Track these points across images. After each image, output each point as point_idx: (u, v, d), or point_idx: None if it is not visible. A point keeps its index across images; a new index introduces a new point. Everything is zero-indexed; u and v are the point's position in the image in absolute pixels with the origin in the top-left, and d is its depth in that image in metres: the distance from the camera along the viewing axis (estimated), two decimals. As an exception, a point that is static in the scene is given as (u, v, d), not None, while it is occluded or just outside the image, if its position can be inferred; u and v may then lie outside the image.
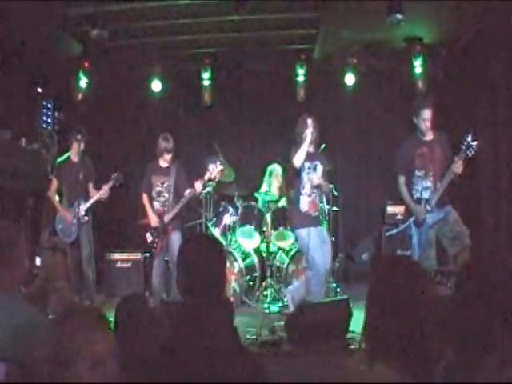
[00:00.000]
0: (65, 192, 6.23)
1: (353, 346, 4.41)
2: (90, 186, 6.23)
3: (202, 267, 1.86)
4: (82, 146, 6.05)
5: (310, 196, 5.38)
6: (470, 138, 4.84)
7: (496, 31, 6.04)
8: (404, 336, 1.43)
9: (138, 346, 2.02)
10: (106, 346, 1.59)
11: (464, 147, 4.85)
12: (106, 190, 6.08)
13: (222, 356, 1.72)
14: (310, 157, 5.34)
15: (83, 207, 6.03)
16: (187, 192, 5.83)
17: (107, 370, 1.55)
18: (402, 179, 5.25)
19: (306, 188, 5.37)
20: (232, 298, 6.16)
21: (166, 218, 5.90)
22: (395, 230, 5.51)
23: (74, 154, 6.17)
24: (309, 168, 5.38)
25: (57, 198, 6.28)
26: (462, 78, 6.91)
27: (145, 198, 6.03)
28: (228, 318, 1.87)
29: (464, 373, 1.65)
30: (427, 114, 5.08)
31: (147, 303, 2.44)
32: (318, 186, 5.40)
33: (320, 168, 5.43)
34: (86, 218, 6.10)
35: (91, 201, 6.10)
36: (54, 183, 6.23)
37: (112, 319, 2.32)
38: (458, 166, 4.90)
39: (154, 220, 5.93)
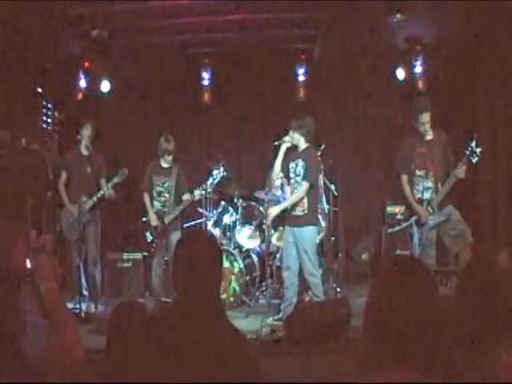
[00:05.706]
0: (72, 186, 6.14)
1: (353, 347, 4.42)
2: (102, 182, 6.17)
3: (197, 265, 1.85)
4: (89, 139, 6.03)
5: None
6: (474, 144, 4.80)
7: (496, 31, 6.05)
8: (409, 338, 1.41)
9: (131, 351, 2.01)
10: None
11: (468, 153, 4.81)
12: (110, 186, 6.00)
13: (217, 355, 1.72)
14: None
15: (89, 203, 5.97)
16: (185, 197, 5.89)
17: None
18: (404, 178, 5.26)
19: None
20: (232, 298, 6.17)
21: (167, 219, 5.91)
22: (397, 228, 5.53)
23: (83, 148, 6.14)
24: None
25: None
26: (462, 78, 6.91)
27: (146, 197, 6.05)
28: (221, 316, 1.86)
29: (464, 372, 1.65)
30: (426, 117, 5.07)
31: (142, 310, 2.42)
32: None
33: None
34: (92, 215, 6.00)
35: (96, 197, 5.97)
36: (64, 176, 6.15)
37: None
38: (461, 172, 4.87)
39: (153, 219, 5.94)
